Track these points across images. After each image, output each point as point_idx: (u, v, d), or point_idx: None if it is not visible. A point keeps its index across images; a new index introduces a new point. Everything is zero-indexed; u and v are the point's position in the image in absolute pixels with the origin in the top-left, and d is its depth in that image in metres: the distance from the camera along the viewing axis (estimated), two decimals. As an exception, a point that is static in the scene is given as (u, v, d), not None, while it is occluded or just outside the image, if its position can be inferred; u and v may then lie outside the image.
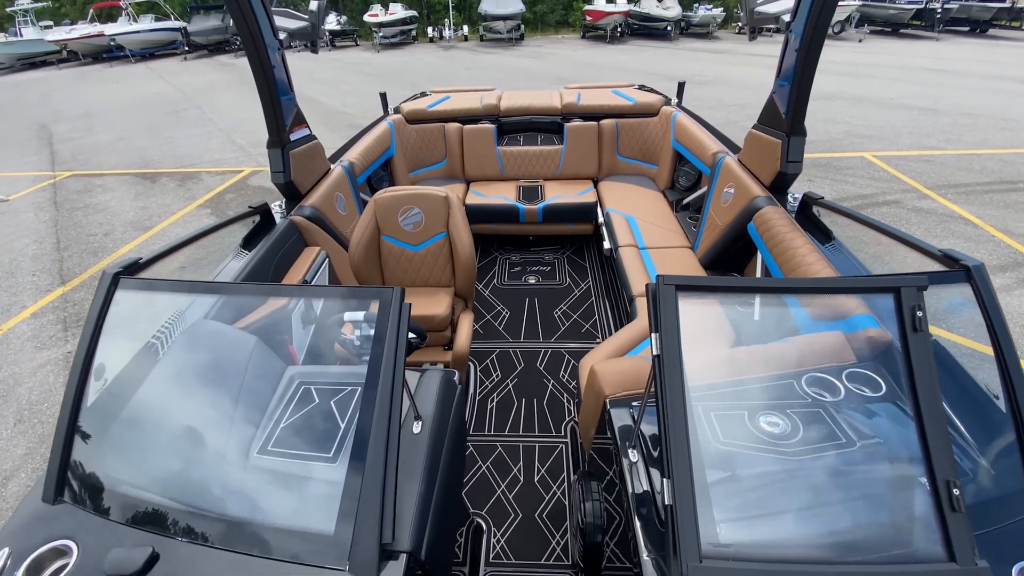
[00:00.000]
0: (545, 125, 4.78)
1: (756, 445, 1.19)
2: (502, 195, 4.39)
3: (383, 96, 4.76)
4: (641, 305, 2.85)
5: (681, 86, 4.72)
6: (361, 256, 2.74)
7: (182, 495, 1.22)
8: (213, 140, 9.56)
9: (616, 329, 3.56)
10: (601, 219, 4.14)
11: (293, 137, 2.87)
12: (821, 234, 2.43)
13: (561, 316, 3.78)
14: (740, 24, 24.01)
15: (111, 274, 1.48)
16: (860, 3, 21.05)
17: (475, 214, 4.21)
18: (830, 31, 22.05)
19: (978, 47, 17.62)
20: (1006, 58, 15.21)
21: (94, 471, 1.30)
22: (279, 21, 2.58)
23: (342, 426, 1.27)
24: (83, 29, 21.88)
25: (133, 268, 1.68)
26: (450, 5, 24.68)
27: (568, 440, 2.77)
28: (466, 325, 2.79)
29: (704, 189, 3.76)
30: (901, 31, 21.65)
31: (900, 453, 1.15)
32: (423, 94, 5.22)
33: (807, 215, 2.62)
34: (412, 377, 1.73)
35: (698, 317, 1.24)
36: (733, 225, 2.93)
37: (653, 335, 1.18)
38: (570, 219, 4.34)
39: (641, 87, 5.10)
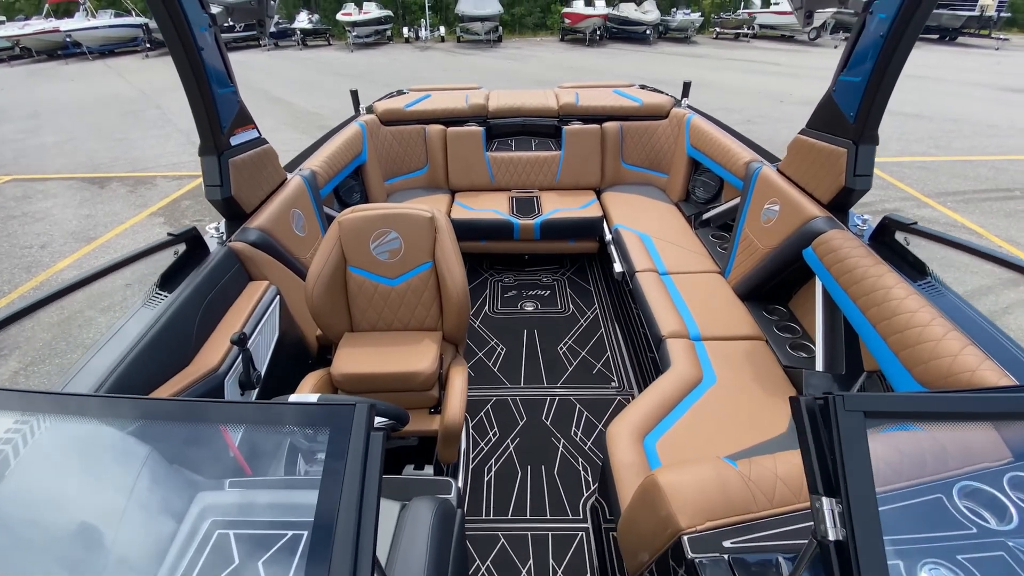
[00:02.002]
0: (540, 128, 4.23)
1: None
2: (493, 207, 3.85)
3: (354, 94, 4.19)
4: (675, 349, 2.30)
5: (687, 86, 4.28)
6: (321, 294, 2.13)
7: None
8: (171, 142, 8.91)
9: (636, 368, 3.01)
10: (609, 236, 3.59)
11: (235, 141, 2.31)
12: (910, 268, 1.92)
13: (567, 352, 3.20)
14: (717, 29, 24.15)
15: None
16: (835, 11, 21.30)
17: (462, 230, 3.61)
18: (806, 37, 22.11)
19: (949, 54, 17.95)
20: (978, 65, 15.49)
21: None
22: None
23: None
24: (37, 25, 20.71)
25: None
26: (426, 5, 24.21)
27: (589, 525, 2.19)
28: (459, 381, 2.14)
29: (732, 203, 3.25)
30: (873, 38, 21.96)
31: None
32: (400, 92, 4.64)
33: (884, 242, 2.08)
34: (389, 510, 1.20)
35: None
36: (782, 250, 2.44)
37: (826, 502, 0.71)
38: (572, 236, 3.81)
39: (643, 87, 4.64)
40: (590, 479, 2.39)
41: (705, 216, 3.59)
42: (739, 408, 1.99)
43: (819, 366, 2.10)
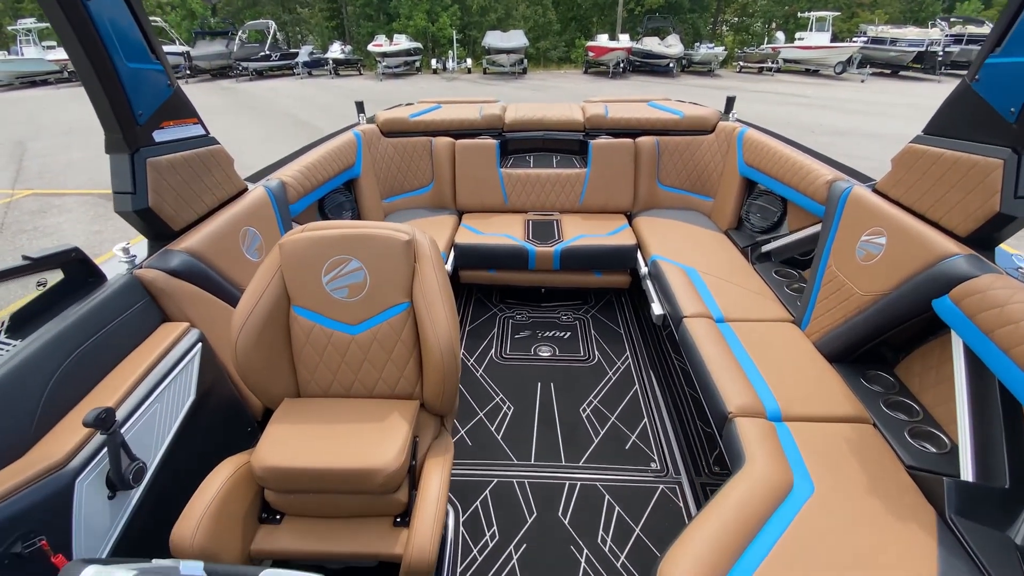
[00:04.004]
0: (563, 142, 3.74)
1: None
2: (505, 232, 3.37)
3: (359, 104, 3.87)
4: (748, 435, 1.71)
5: (730, 101, 3.80)
6: (251, 344, 1.55)
7: None
8: (193, 161, 9.01)
9: (684, 443, 2.43)
10: (644, 269, 3.06)
11: (162, 137, 1.81)
12: None
13: (592, 416, 2.60)
14: (740, 63, 24.12)
15: None
16: (861, 45, 21.14)
17: (468, 256, 3.28)
18: (832, 72, 21.84)
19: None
20: (1015, 101, 14.97)
21: None
22: None
23: None
24: (84, 51, 21.74)
25: None
26: (454, 38, 24.79)
27: None
28: (436, 482, 1.52)
29: (807, 232, 2.71)
30: (901, 73, 21.66)
31: None
32: (408, 105, 4.25)
33: None
34: None
35: None
36: (896, 300, 1.85)
37: None
38: (598, 266, 3.30)
39: (680, 102, 4.08)
40: None
41: (765, 248, 3.01)
42: (856, 535, 1.39)
43: (966, 472, 1.49)
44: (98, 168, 8.79)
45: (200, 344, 1.69)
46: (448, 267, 3.09)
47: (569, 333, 3.29)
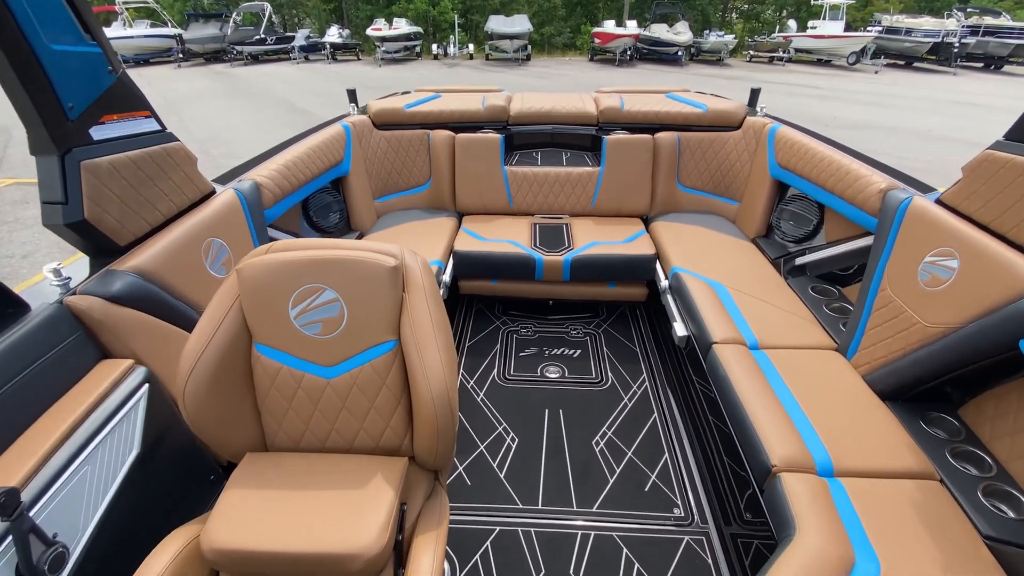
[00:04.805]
0: (574, 138, 3.45)
1: None
2: (510, 238, 3.09)
3: (351, 93, 3.54)
4: (797, 495, 1.45)
5: (755, 93, 3.47)
6: (202, 391, 1.27)
7: None
8: (185, 150, 8.66)
9: (711, 484, 2.17)
10: (664, 282, 2.79)
11: (101, 134, 1.51)
12: None
13: (606, 450, 2.32)
14: (751, 52, 23.60)
15: None
16: (875, 35, 20.65)
17: (468, 265, 3.00)
18: (845, 62, 21.49)
19: (997, 82, 17.07)
20: (1033, 94, 14.59)
21: None
22: None
23: None
24: (76, 32, 21.19)
25: None
26: (456, 22, 24.21)
27: None
28: (430, 553, 1.23)
29: (853, 246, 2.43)
30: (915, 64, 21.19)
31: None
32: (405, 93, 3.90)
33: None
34: None
35: None
36: (971, 335, 1.57)
37: None
38: (613, 278, 3.04)
39: (699, 93, 3.75)
40: None
41: (800, 261, 2.72)
42: None
43: None
44: (85, 156, 8.44)
45: (147, 385, 1.41)
46: (446, 277, 2.85)
47: (579, 351, 3.01)
